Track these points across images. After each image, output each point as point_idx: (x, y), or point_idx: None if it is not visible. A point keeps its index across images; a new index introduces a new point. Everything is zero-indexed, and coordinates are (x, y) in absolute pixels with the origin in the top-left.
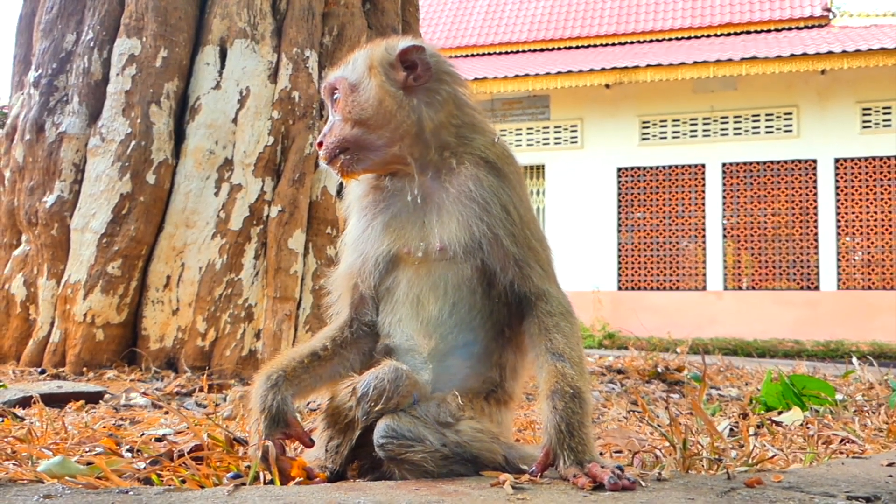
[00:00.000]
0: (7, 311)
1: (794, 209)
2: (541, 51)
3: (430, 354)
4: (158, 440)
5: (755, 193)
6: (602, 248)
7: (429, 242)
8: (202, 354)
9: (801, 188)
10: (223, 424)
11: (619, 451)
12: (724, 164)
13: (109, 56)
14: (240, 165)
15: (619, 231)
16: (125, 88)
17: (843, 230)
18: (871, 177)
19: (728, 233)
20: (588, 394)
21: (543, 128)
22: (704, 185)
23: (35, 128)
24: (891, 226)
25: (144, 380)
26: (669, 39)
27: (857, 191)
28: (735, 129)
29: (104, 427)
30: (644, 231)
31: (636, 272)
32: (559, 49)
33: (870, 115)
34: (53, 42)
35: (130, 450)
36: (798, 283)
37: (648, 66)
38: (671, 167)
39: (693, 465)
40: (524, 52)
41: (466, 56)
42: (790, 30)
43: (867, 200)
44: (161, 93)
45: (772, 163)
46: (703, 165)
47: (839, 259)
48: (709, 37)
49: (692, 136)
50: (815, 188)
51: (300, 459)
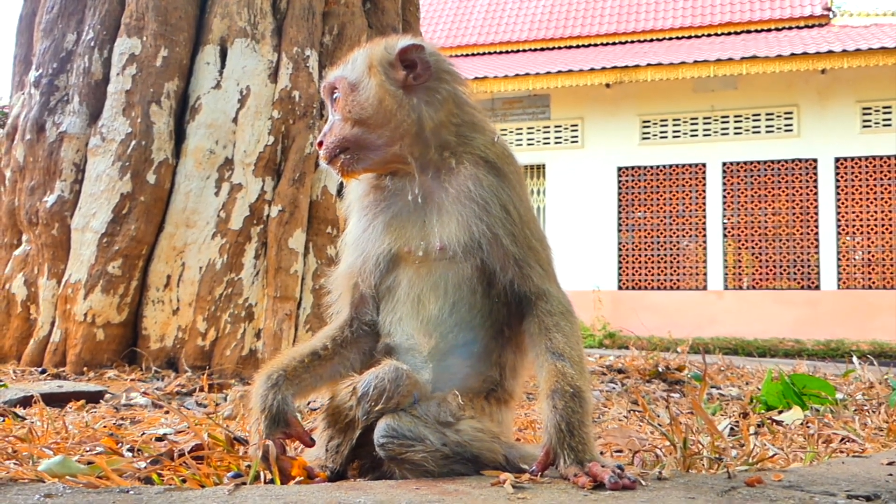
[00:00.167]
0: (8, 311)
1: (795, 209)
2: (541, 50)
3: (431, 354)
4: (159, 440)
5: (756, 193)
6: (602, 248)
7: (429, 242)
8: (202, 354)
9: (802, 188)
10: (224, 424)
11: (620, 451)
12: (725, 164)
13: (110, 56)
14: (240, 165)
15: (620, 230)
16: (125, 88)
17: (844, 229)
18: (872, 176)
19: (728, 232)
20: (588, 393)
21: (544, 127)
22: (705, 185)
23: (36, 127)
24: (891, 225)
25: (145, 379)
26: (670, 39)
27: (858, 190)
28: (735, 129)
29: (105, 426)
30: (644, 230)
31: (637, 271)
32: (559, 48)
33: (870, 115)
34: (54, 42)
35: (131, 449)
36: (798, 283)
37: (649, 66)
38: (671, 166)
39: (693, 465)
40: (524, 52)
41: (467, 55)
42: (790, 29)
43: (867, 200)
44: (161, 92)
45: (772, 162)
46: (704, 165)
47: (839, 258)
48: (709, 36)
49: (692, 136)
50: (816, 188)
51: (300, 459)
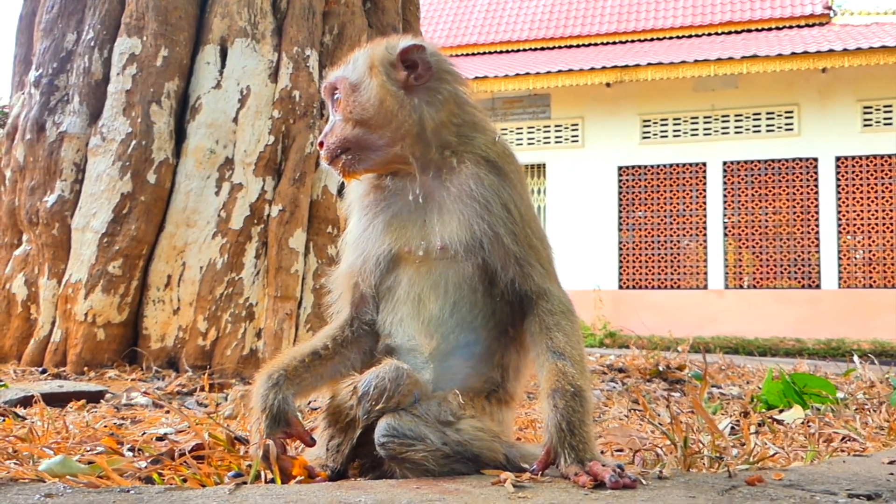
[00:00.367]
0: (8, 311)
1: (795, 207)
2: (541, 49)
3: (432, 354)
4: (160, 439)
5: (756, 192)
6: (603, 247)
7: (430, 241)
8: (203, 354)
9: (802, 186)
10: (224, 423)
11: (621, 450)
12: (725, 163)
13: (110, 55)
14: (240, 165)
15: (620, 230)
16: (126, 88)
17: (845, 228)
18: (872, 175)
19: (729, 231)
20: (589, 392)
21: (544, 126)
22: (705, 184)
23: (36, 127)
24: (892, 224)
25: (145, 379)
26: (670, 38)
27: (858, 189)
28: (736, 128)
29: (105, 426)
30: (645, 230)
31: (637, 271)
32: (560, 48)
33: (871, 114)
34: (54, 41)
35: (132, 449)
36: (799, 282)
37: (649, 65)
38: (672, 166)
39: (694, 464)
40: (525, 51)
41: (467, 55)
42: (791, 28)
43: (868, 199)
44: (161, 92)
45: (773, 161)
46: (704, 164)
47: (840, 257)
48: (710, 35)
49: (693, 135)
50: (816, 186)
51: (301, 458)
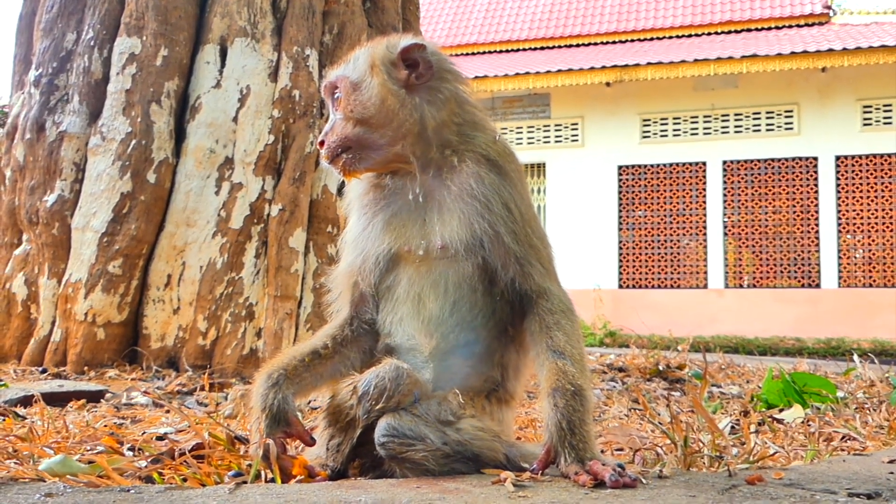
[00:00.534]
0: (8, 311)
1: (795, 207)
2: (541, 49)
3: (432, 353)
4: (160, 439)
5: (756, 191)
6: (603, 246)
7: (430, 240)
8: (203, 353)
9: (802, 186)
10: (224, 423)
11: (621, 449)
12: (725, 162)
13: (110, 55)
14: (240, 164)
15: (620, 229)
16: (125, 87)
17: (844, 228)
18: (872, 174)
19: (729, 231)
20: (589, 391)
21: (544, 126)
22: (705, 183)
23: (36, 127)
24: (892, 223)
25: (145, 379)
26: (670, 37)
27: (858, 188)
28: (736, 127)
29: (105, 426)
30: (645, 229)
31: (637, 270)
32: (560, 47)
33: (870, 113)
34: (54, 41)
35: (132, 448)
36: (799, 281)
37: (649, 64)
38: (672, 165)
39: (694, 463)
40: (525, 51)
41: (467, 54)
42: (791, 27)
43: (868, 198)
44: (161, 92)
45: (772, 160)
46: (704, 163)
47: (840, 257)
48: (709, 35)
49: (693, 134)
50: (816, 186)
51: (301, 458)
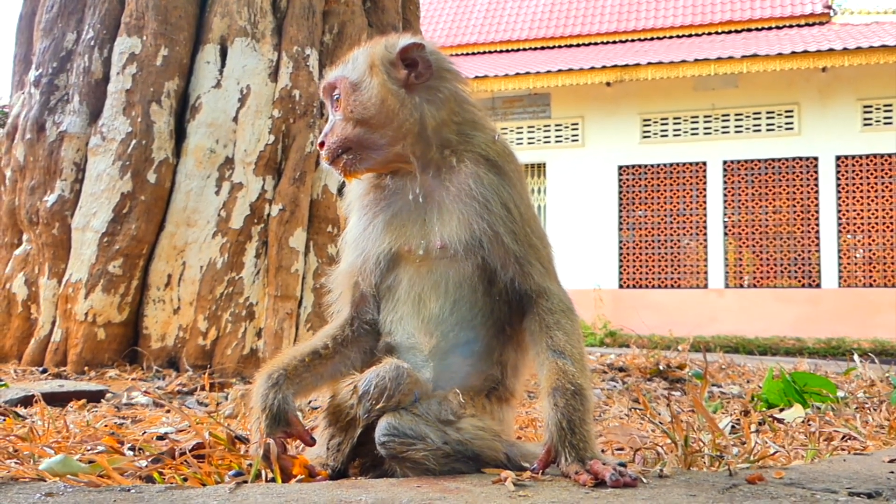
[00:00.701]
0: (8, 311)
1: (796, 207)
2: (541, 49)
3: (432, 352)
4: (160, 438)
5: (756, 191)
6: (603, 246)
7: (429, 240)
8: (203, 353)
9: (803, 186)
10: (225, 423)
11: (621, 449)
12: (726, 162)
13: (110, 55)
14: (240, 164)
15: (621, 229)
16: (126, 87)
17: (845, 227)
18: (873, 174)
19: (729, 230)
20: (589, 391)
21: (544, 126)
22: (705, 183)
23: (36, 127)
24: (892, 223)
25: (146, 378)
26: (670, 37)
27: (859, 188)
28: (736, 127)
29: (106, 426)
30: (645, 229)
31: (637, 270)
32: (560, 47)
33: (871, 113)
34: (54, 41)
35: (132, 448)
36: (799, 281)
37: (649, 64)
38: (672, 165)
39: (695, 462)
40: (525, 51)
41: (467, 54)
42: (791, 27)
43: (868, 198)
44: (161, 91)
45: (773, 160)
46: (705, 163)
47: (840, 256)
48: (710, 34)
49: (693, 134)
50: (817, 186)
51: (302, 457)
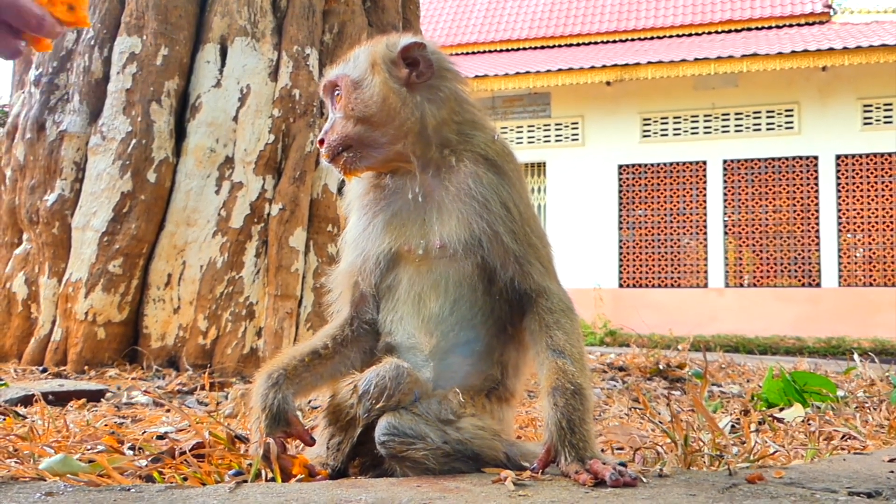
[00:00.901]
0: (8, 310)
1: (796, 206)
2: (541, 48)
3: (432, 352)
4: (160, 438)
5: (756, 190)
6: (603, 246)
7: (429, 240)
8: (203, 352)
9: (803, 185)
10: (225, 422)
11: (621, 448)
12: (726, 161)
13: (110, 54)
14: (241, 163)
15: (621, 228)
16: (126, 87)
17: (845, 227)
18: (873, 173)
19: (729, 230)
20: (589, 390)
21: (544, 125)
22: (706, 183)
23: (36, 126)
24: (892, 222)
25: (146, 378)
26: (670, 36)
27: (859, 187)
28: (736, 126)
29: (106, 425)
30: (645, 228)
31: (637, 269)
32: (560, 46)
33: (871, 112)
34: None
35: (132, 447)
36: (799, 280)
37: (649, 63)
38: (672, 164)
39: (694, 462)
40: (525, 50)
41: (467, 54)
42: (791, 26)
43: (868, 197)
44: (162, 91)
45: (773, 159)
46: (705, 162)
47: (840, 256)
48: (710, 34)
49: (693, 133)
50: (817, 185)
51: (301, 457)
